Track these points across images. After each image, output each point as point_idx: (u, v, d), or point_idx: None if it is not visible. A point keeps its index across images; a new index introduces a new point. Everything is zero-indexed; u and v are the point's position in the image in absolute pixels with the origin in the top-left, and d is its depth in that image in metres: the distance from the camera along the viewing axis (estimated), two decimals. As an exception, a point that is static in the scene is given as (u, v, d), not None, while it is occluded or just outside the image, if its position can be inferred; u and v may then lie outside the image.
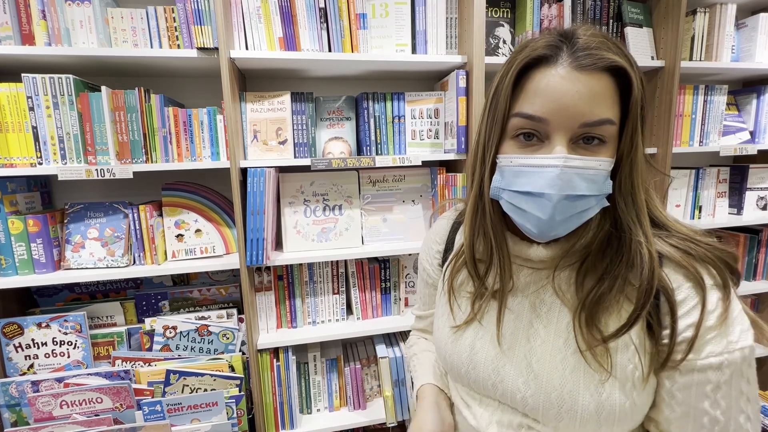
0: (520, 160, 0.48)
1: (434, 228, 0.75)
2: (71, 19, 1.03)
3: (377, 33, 1.19)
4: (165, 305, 1.25)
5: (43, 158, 1.04)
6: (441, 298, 0.66)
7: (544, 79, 0.46)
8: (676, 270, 0.47)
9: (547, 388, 0.50)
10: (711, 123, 1.48)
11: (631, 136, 0.47)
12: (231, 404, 1.11)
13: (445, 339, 0.62)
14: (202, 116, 1.13)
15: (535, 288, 0.55)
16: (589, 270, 0.50)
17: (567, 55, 0.45)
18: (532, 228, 0.49)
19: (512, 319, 0.56)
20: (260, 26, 1.10)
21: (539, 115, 0.46)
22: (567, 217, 0.47)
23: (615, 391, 0.47)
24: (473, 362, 0.57)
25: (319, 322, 1.30)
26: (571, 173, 0.45)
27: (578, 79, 0.44)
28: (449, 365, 0.61)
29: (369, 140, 1.23)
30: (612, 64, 0.44)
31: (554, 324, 0.53)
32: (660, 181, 1.37)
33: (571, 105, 0.44)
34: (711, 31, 1.41)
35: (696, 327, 0.44)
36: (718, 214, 1.58)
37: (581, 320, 0.49)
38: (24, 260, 1.07)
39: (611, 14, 1.32)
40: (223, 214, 1.23)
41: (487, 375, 0.55)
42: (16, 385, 1.07)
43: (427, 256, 0.74)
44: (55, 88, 1.02)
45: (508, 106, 0.48)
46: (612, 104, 0.45)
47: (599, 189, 0.46)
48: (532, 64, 0.47)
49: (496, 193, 0.52)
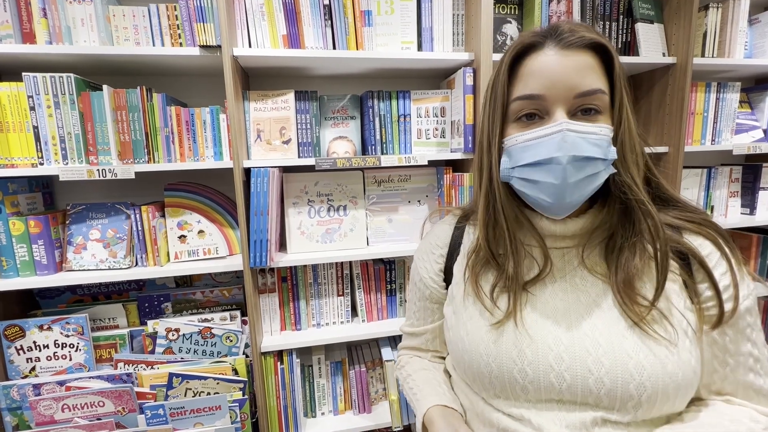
0: (525, 136, 0.51)
1: (433, 233, 0.70)
2: (72, 18, 1.02)
3: (382, 30, 1.17)
4: (168, 307, 1.23)
5: (44, 158, 1.03)
6: (466, 300, 0.60)
7: (536, 62, 0.50)
8: (694, 235, 0.53)
9: (622, 358, 0.48)
10: (723, 121, 1.44)
11: (620, 106, 0.51)
12: (234, 408, 1.09)
13: (485, 339, 0.55)
14: (205, 115, 1.11)
15: (570, 269, 0.56)
16: (614, 246, 0.53)
17: (553, 39, 0.50)
18: (548, 198, 0.50)
19: (559, 300, 0.54)
20: (264, 24, 1.09)
21: (537, 92, 0.49)
22: (578, 180, 0.49)
23: (684, 351, 0.48)
24: (527, 357, 0.51)
25: (323, 324, 1.28)
26: (575, 136, 0.48)
27: (566, 56, 0.49)
28: (497, 370, 0.53)
29: (374, 139, 1.21)
30: (593, 41, 0.50)
31: (602, 299, 0.53)
32: (672, 179, 1.34)
33: (563, 78, 0.48)
34: (723, 27, 1.38)
35: (731, 276, 0.50)
36: (731, 214, 1.54)
37: (622, 294, 0.50)
38: (25, 262, 1.05)
39: (621, 10, 1.29)
40: (226, 214, 1.21)
41: (548, 367, 0.50)
42: (17, 388, 1.06)
43: (425, 264, 0.68)
44: (56, 87, 1.01)
45: (507, 93, 0.52)
46: (600, 76, 0.50)
47: (604, 153, 0.49)
48: (523, 52, 0.52)
49: (506, 174, 0.54)
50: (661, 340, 0.48)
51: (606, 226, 0.54)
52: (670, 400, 0.48)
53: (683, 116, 1.30)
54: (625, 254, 0.51)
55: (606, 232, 0.54)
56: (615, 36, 1.30)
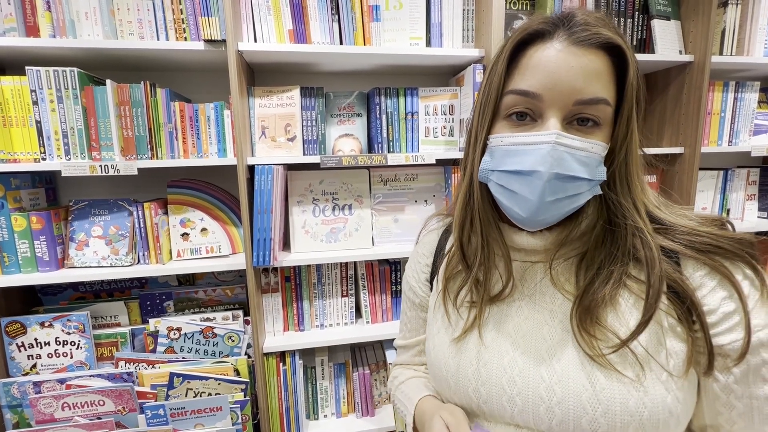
0: (511, 139, 0.46)
1: (421, 242, 0.68)
2: (76, 11, 1.00)
3: (390, 26, 1.14)
4: (170, 306, 1.22)
5: (47, 153, 1.01)
6: (437, 312, 0.58)
7: (539, 54, 0.44)
8: (696, 267, 0.44)
9: (576, 389, 0.44)
10: (741, 121, 1.40)
11: (627, 120, 0.44)
12: (236, 409, 1.07)
13: (446, 354, 0.54)
14: (209, 111, 1.09)
15: (538, 285, 0.51)
16: (588, 265, 0.47)
17: (563, 30, 0.44)
18: (520, 211, 0.46)
19: (523, 318, 0.50)
20: (269, 18, 1.06)
21: (533, 90, 0.44)
22: (556, 199, 0.44)
23: (655, 386, 0.42)
24: (482, 376, 0.50)
25: (327, 325, 1.26)
26: (563, 151, 0.43)
27: (574, 54, 0.42)
28: (454, 386, 0.53)
29: (381, 137, 1.19)
30: (608, 41, 0.43)
31: (568, 322, 0.48)
32: (687, 180, 1.30)
33: (565, 80, 0.42)
34: (743, 25, 1.33)
35: (739, 301, 0.42)
36: (747, 217, 1.50)
37: (579, 324, 0.45)
38: (27, 258, 1.04)
39: (637, 6, 1.25)
40: (230, 212, 1.19)
41: (501, 389, 0.48)
42: (18, 386, 1.05)
43: (413, 273, 0.66)
44: (59, 81, 0.99)
45: (502, 84, 0.46)
46: (608, 84, 0.44)
47: (591, 173, 0.44)
48: (528, 40, 0.45)
49: (485, 176, 0.49)
50: (633, 369, 0.43)
51: (580, 241, 0.48)
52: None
53: (700, 116, 1.26)
54: (598, 280, 0.46)
55: (580, 248, 0.49)
56: (630, 33, 1.26)
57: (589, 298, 0.45)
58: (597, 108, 0.43)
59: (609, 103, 0.44)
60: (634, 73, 0.44)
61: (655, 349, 0.43)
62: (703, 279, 0.43)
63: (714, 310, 0.42)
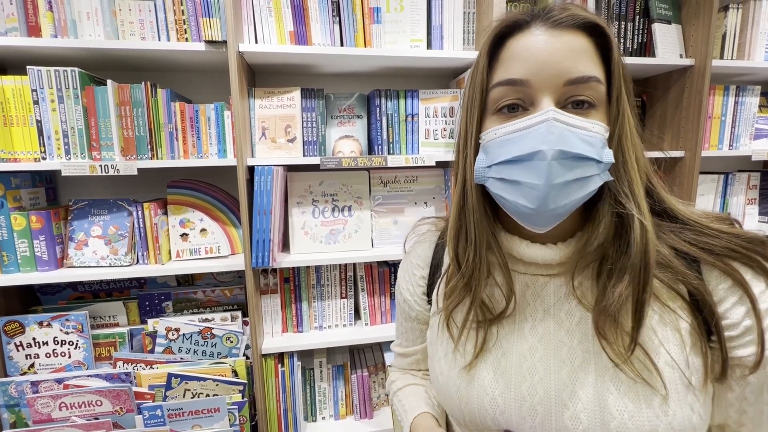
0: (505, 129, 0.43)
1: (413, 252, 0.63)
2: (78, 11, 1.01)
3: (391, 28, 1.14)
4: (168, 306, 1.22)
5: (47, 153, 1.01)
6: (441, 334, 0.54)
7: (520, 42, 0.43)
8: (719, 279, 0.43)
9: (603, 418, 0.42)
10: (742, 125, 1.40)
11: (617, 99, 0.43)
12: (233, 410, 1.07)
13: (457, 383, 0.50)
14: (210, 112, 1.09)
15: (555, 300, 0.47)
16: (606, 268, 0.44)
17: (540, 19, 0.43)
18: (528, 203, 0.41)
19: (538, 339, 0.47)
20: (270, 19, 1.07)
21: (520, 77, 0.42)
22: (566, 182, 0.40)
23: (681, 406, 0.41)
24: (500, 406, 0.47)
25: (325, 326, 1.25)
26: (563, 128, 0.40)
27: (555, 36, 0.41)
28: (468, 416, 0.49)
29: (381, 139, 1.19)
30: (587, 21, 0.42)
31: (588, 341, 0.45)
32: (687, 184, 1.30)
33: (551, 61, 0.41)
34: (744, 29, 1.33)
35: (754, 316, 0.41)
36: (748, 221, 1.49)
37: (601, 328, 0.42)
38: (26, 257, 1.04)
39: (638, 9, 1.25)
40: (229, 213, 1.19)
41: (521, 418, 0.46)
42: (15, 385, 1.04)
43: (408, 285, 0.62)
44: (60, 81, 1.00)
45: (485, 79, 0.45)
46: (595, 63, 0.42)
47: (598, 153, 0.41)
48: (507, 33, 0.44)
49: (481, 175, 0.45)
50: (651, 396, 0.41)
51: (599, 247, 0.45)
52: None
53: (700, 120, 1.26)
54: (613, 278, 0.43)
55: (598, 254, 0.45)
56: (631, 36, 1.26)
57: (606, 299, 0.42)
58: (589, 86, 0.41)
59: (600, 81, 0.42)
60: (617, 53, 0.43)
61: (683, 365, 0.42)
62: (727, 293, 0.42)
63: (737, 323, 0.42)
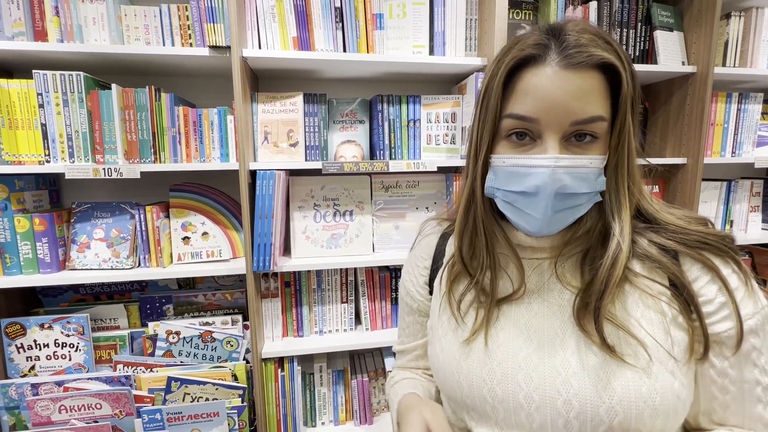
0: (513, 161, 0.49)
1: (418, 245, 0.68)
2: (84, 16, 1.02)
3: (394, 34, 1.15)
4: (169, 309, 1.22)
5: (51, 156, 1.02)
6: (442, 314, 0.59)
7: (533, 79, 0.46)
8: (692, 263, 0.48)
9: (592, 380, 0.46)
10: (744, 133, 1.40)
11: (619, 132, 0.47)
12: (233, 415, 1.07)
13: (456, 357, 0.54)
14: (213, 116, 1.10)
15: (545, 282, 0.54)
16: (591, 261, 0.50)
17: (555, 53, 0.45)
18: (528, 226, 0.50)
19: (533, 315, 0.52)
20: (274, 25, 1.08)
21: (530, 115, 0.46)
22: (559, 211, 0.48)
23: (663, 373, 0.45)
24: (497, 376, 0.50)
25: (326, 331, 1.25)
26: (562, 173, 0.46)
27: (567, 78, 0.44)
28: (467, 388, 0.53)
29: (382, 144, 1.19)
30: (601, 61, 0.44)
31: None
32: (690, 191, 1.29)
33: (561, 104, 0.44)
34: (746, 36, 1.34)
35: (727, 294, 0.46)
36: (751, 229, 1.49)
37: (576, 314, 0.48)
38: (29, 259, 1.05)
39: (640, 17, 1.26)
40: (231, 217, 1.19)
41: (517, 387, 0.49)
42: (15, 387, 1.04)
43: (411, 277, 0.67)
44: (65, 85, 1.01)
45: (500, 108, 0.49)
46: (602, 101, 0.46)
47: (591, 186, 0.47)
48: (521, 64, 0.47)
49: (491, 192, 0.52)
50: (640, 359, 0.46)
51: (584, 238, 0.52)
52: (647, 428, 0.45)
53: (703, 127, 1.26)
54: (599, 274, 0.48)
55: (584, 245, 0.52)
56: (633, 44, 1.26)
57: (587, 297, 0.48)
58: (593, 125, 0.46)
59: (605, 119, 0.46)
60: (627, 87, 0.46)
61: (663, 339, 0.46)
62: (700, 272, 0.48)
63: (711, 300, 0.46)
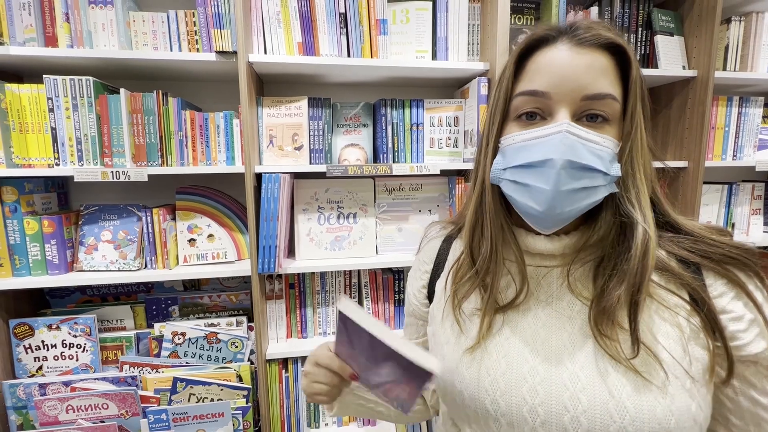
0: (522, 136, 0.47)
1: (423, 250, 0.67)
2: (94, 22, 1.04)
3: (397, 39, 1.17)
4: (175, 310, 1.23)
5: (61, 159, 1.04)
6: (445, 320, 0.56)
7: (545, 58, 0.47)
8: (717, 277, 0.46)
9: (602, 397, 0.43)
10: (745, 136, 1.40)
11: (632, 115, 0.46)
12: (237, 415, 1.08)
13: (459, 365, 0.51)
14: (219, 120, 1.12)
15: (556, 291, 0.50)
16: (605, 269, 0.47)
17: (566, 35, 0.46)
18: (536, 205, 0.46)
19: (541, 325, 0.49)
20: (279, 31, 1.09)
21: (541, 89, 0.46)
22: (572, 189, 0.44)
23: (680, 394, 0.42)
24: (500, 387, 0.48)
25: (330, 332, 1.26)
26: (574, 140, 0.44)
27: (578, 54, 0.45)
28: (468, 399, 0.50)
29: (386, 147, 1.20)
30: (610, 42, 0.45)
31: (588, 329, 0.47)
32: (691, 194, 1.30)
33: (572, 77, 0.45)
34: (746, 41, 1.35)
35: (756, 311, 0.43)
36: (753, 232, 1.49)
37: (597, 327, 0.45)
38: (38, 261, 1.06)
39: (640, 21, 1.27)
40: (236, 219, 1.21)
41: (521, 400, 0.46)
42: (23, 387, 1.06)
43: (413, 280, 0.66)
44: (75, 89, 1.02)
45: (510, 88, 0.49)
46: (613, 81, 0.46)
47: (606, 167, 0.44)
48: (534, 46, 0.48)
49: (497, 176, 0.50)
50: (650, 380, 0.42)
51: (598, 246, 0.48)
52: None
53: (704, 130, 1.27)
54: (612, 281, 0.45)
55: (597, 253, 0.49)
56: (633, 48, 1.28)
57: (604, 299, 0.45)
58: (604, 103, 0.45)
59: (616, 99, 0.45)
60: (636, 72, 0.46)
61: (680, 355, 0.43)
62: (724, 288, 0.45)
63: (740, 316, 0.44)
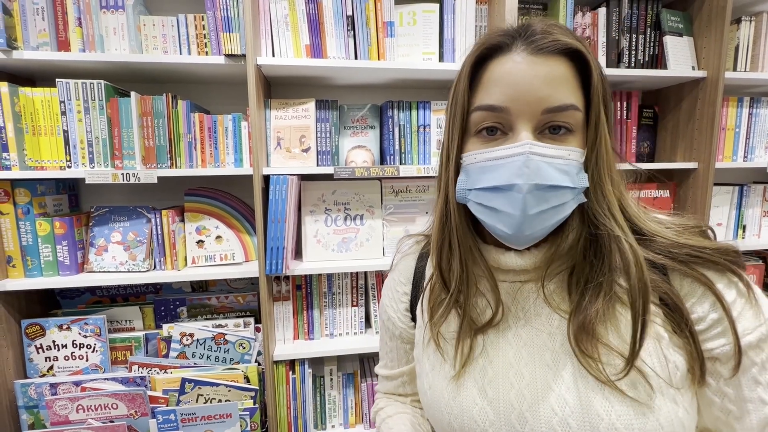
0: (484, 155, 0.45)
1: (396, 269, 0.63)
2: (105, 27, 1.05)
3: (404, 41, 1.17)
4: (183, 311, 1.24)
5: (72, 162, 1.05)
6: (427, 347, 0.53)
7: (500, 67, 0.44)
8: (682, 278, 0.44)
9: (592, 420, 0.41)
10: (756, 137, 1.39)
11: (596, 125, 0.44)
12: (245, 417, 1.08)
13: (446, 396, 0.49)
14: (227, 122, 1.13)
15: (532, 306, 0.48)
16: (578, 280, 0.45)
17: (521, 41, 0.43)
18: (505, 228, 0.44)
19: (522, 345, 0.47)
20: (287, 34, 1.10)
21: (499, 104, 0.43)
22: (541, 211, 0.42)
23: (667, 404, 0.41)
24: (489, 417, 0.46)
25: (336, 334, 1.26)
26: (539, 161, 0.41)
27: (535, 64, 0.42)
28: (459, 430, 0.48)
29: (393, 149, 1.21)
30: (567, 46, 0.42)
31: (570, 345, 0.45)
32: (701, 196, 1.29)
33: (530, 89, 0.42)
34: (757, 41, 1.33)
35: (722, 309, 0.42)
36: (764, 234, 1.47)
37: (576, 345, 0.43)
38: (49, 262, 1.08)
39: (649, 22, 1.26)
40: (244, 221, 1.22)
41: (511, 427, 0.45)
42: (35, 387, 1.07)
43: (391, 302, 0.62)
44: (87, 93, 1.04)
45: (467, 102, 0.46)
46: (574, 90, 0.43)
47: (573, 181, 0.42)
48: (488, 55, 0.45)
49: (463, 196, 0.47)
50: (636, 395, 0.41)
51: (569, 255, 0.46)
52: None
53: (714, 131, 1.25)
54: (588, 294, 0.44)
55: (569, 262, 0.47)
56: (642, 49, 1.27)
57: (582, 315, 0.43)
58: (567, 114, 0.42)
59: (578, 108, 0.43)
60: (597, 77, 0.43)
61: (661, 365, 0.42)
62: (690, 288, 0.43)
63: (703, 318, 0.43)
